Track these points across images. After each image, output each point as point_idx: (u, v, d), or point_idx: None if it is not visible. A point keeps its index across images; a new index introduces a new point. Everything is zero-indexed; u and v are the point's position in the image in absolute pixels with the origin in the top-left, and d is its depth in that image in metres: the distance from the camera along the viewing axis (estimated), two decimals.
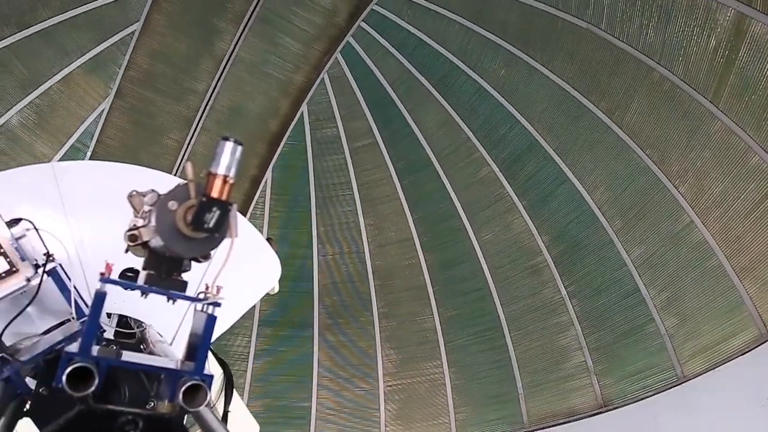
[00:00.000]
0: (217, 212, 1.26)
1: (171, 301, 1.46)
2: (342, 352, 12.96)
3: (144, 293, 1.45)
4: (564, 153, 10.92)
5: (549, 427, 10.92)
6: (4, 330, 2.01)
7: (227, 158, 1.30)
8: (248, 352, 12.71)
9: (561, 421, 10.82)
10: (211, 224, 1.26)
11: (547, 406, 11.19)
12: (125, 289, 2.06)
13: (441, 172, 12.23)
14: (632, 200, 10.34)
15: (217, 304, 1.45)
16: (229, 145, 1.32)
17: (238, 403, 3.56)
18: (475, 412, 12.01)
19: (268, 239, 3.38)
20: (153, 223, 1.35)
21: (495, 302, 12.03)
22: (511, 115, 11.24)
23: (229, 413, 3.13)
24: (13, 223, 2.08)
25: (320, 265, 13.12)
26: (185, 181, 1.34)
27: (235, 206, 1.32)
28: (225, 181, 1.27)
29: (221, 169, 1.27)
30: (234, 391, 3.32)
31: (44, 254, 2.07)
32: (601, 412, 10.55)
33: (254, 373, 12.63)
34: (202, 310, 1.49)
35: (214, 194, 1.26)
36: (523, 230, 11.70)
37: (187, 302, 1.49)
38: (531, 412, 11.32)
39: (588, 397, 10.85)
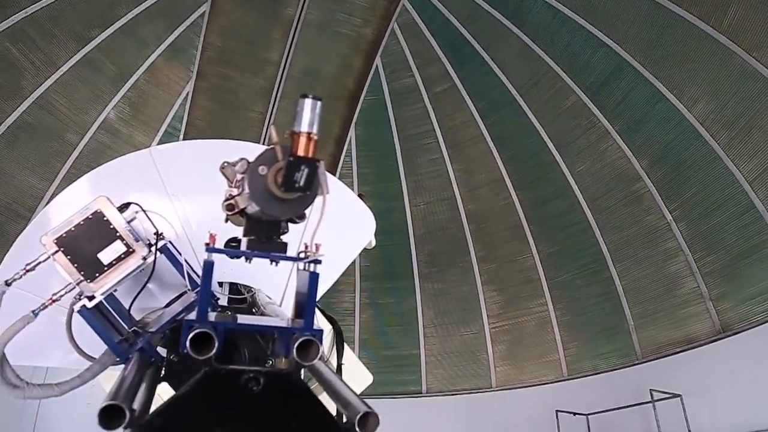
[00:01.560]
0: (306, 170, 1.28)
1: (274, 264, 1.51)
2: (445, 298, 13.12)
3: (247, 258, 1.51)
4: (656, 69, 10.14)
5: (665, 356, 10.56)
6: (131, 306, 2.19)
7: (308, 115, 1.30)
8: (354, 307, 13.17)
9: (677, 350, 10.43)
10: (302, 183, 1.28)
11: (660, 336, 10.81)
12: (230, 257, 2.17)
13: (525, 107, 11.77)
14: (739, 110, 9.49)
15: (317, 262, 1.48)
16: (308, 102, 1.32)
17: (349, 355, 3.69)
18: (585, 347, 11.84)
19: (360, 195, 3.42)
20: (246, 190, 1.39)
21: (596, 234, 11.63)
22: (593, 37, 10.54)
23: (342, 366, 3.27)
24: (123, 207, 2.23)
25: (414, 215, 13.21)
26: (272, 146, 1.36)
27: (322, 163, 1.32)
28: (309, 138, 1.27)
29: (304, 127, 1.28)
30: (344, 344, 3.45)
31: (154, 233, 2.20)
32: (720, 338, 10.04)
33: (362, 326, 13.10)
34: (304, 269, 1.53)
35: (301, 153, 1.27)
36: (619, 157, 11.11)
37: (290, 262, 1.54)
38: (644, 343, 10.98)
39: (705, 324, 10.34)
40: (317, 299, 1.57)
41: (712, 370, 9.80)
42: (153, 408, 1.40)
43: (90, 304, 2.08)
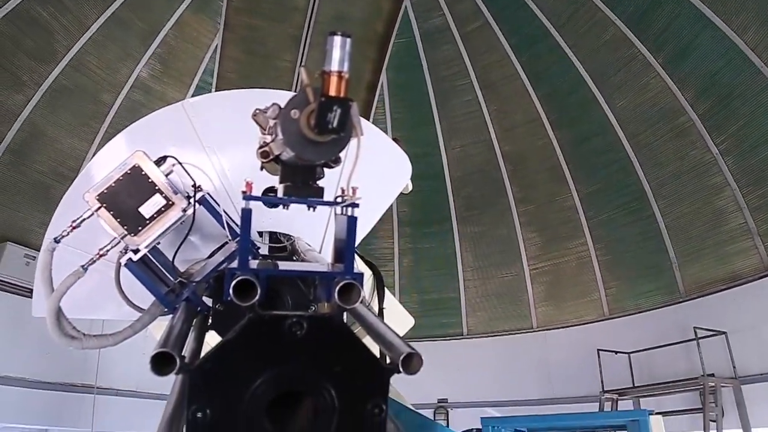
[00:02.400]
0: (338, 110, 1.24)
1: (311, 209, 1.50)
2: (483, 241, 13.11)
3: (284, 205, 1.50)
4: None
5: (709, 294, 10.38)
6: (174, 257, 2.23)
7: (338, 53, 1.25)
8: (393, 253, 13.29)
9: (722, 287, 10.22)
10: (335, 123, 1.25)
11: (705, 273, 10.60)
12: (266, 205, 2.17)
13: (561, 41, 11.31)
14: None
15: (354, 205, 1.46)
16: (337, 39, 1.27)
17: (391, 300, 3.73)
18: (627, 286, 11.73)
19: (394, 139, 3.37)
20: (280, 135, 1.37)
21: (637, 172, 11.32)
22: None
23: (384, 310, 3.31)
24: (160, 161, 2.24)
25: (449, 159, 13.08)
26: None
27: (355, 104, 1.29)
28: (340, 77, 1.23)
29: (334, 65, 1.23)
30: (385, 289, 3.48)
31: (192, 186, 2.22)
32: (767, 275, 9.79)
33: (401, 271, 13.25)
34: (342, 214, 1.51)
35: (332, 92, 1.23)
36: (662, 90, 10.65)
37: (327, 208, 1.53)
38: (687, 281, 10.80)
39: (752, 260, 10.08)
40: (356, 244, 1.57)
41: (758, 307, 9.61)
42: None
43: (135, 257, 2.13)
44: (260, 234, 2.79)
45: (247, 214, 1.41)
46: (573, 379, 11.14)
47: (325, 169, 1.50)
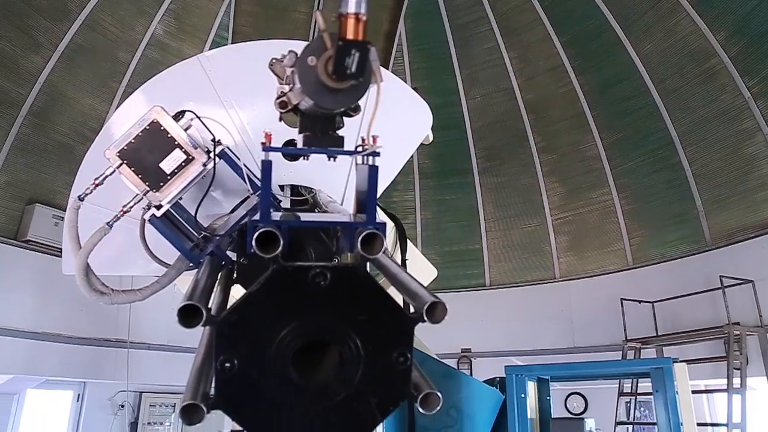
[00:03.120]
0: (357, 54, 1.20)
1: (331, 159, 1.48)
2: (505, 191, 13.01)
3: (305, 156, 1.48)
4: None
5: (737, 242, 10.19)
6: (196, 212, 2.24)
7: None
8: (414, 205, 13.28)
9: (750, 236, 10.01)
10: (353, 68, 1.21)
11: (733, 221, 10.38)
12: (286, 158, 2.16)
13: None
14: None
15: (376, 154, 1.44)
16: None
17: (413, 251, 3.74)
18: (651, 235, 11.59)
19: (414, 89, 3.30)
20: (297, 84, 1.33)
21: (664, 118, 11.00)
22: None
23: (406, 261, 3.32)
24: (179, 116, 2.23)
25: (470, 108, 12.85)
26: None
27: (373, 47, 1.24)
28: (358, 20, 1.18)
29: (351, 7, 1.18)
30: (407, 241, 3.48)
31: (211, 140, 2.20)
32: None
33: (423, 224, 13.26)
34: (363, 163, 1.49)
35: (350, 35, 1.18)
36: (691, 32, 10.21)
37: (348, 158, 1.50)
38: (714, 229, 10.60)
39: None
40: (378, 196, 1.55)
41: None
42: None
43: (159, 213, 2.15)
44: (281, 188, 2.78)
45: (267, 166, 1.40)
46: (595, 329, 11.17)
47: (345, 119, 1.47)
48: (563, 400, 10.88)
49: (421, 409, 1.31)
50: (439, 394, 1.31)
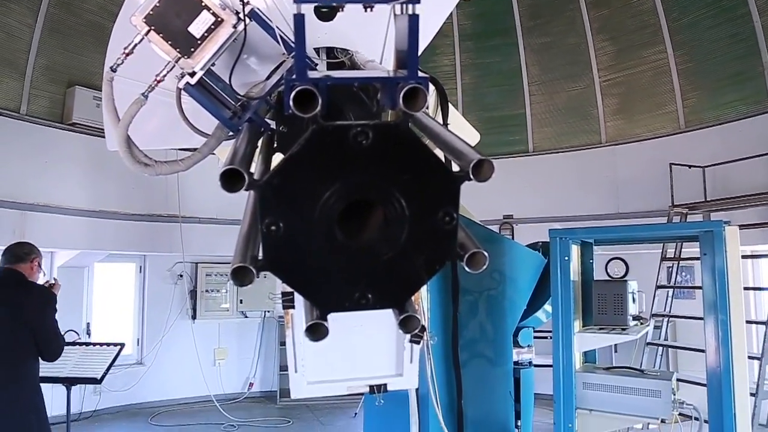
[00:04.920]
0: None
1: (368, 10, 1.36)
2: (550, 52, 12.33)
3: (341, 7, 1.37)
4: None
5: None
6: (230, 76, 2.17)
7: None
8: (455, 69, 12.79)
9: None
10: None
11: None
12: (320, 17, 2.02)
13: None
14: None
15: (416, 1, 1.30)
16: None
17: (455, 115, 3.63)
18: (707, 96, 10.94)
19: None
20: None
21: None
22: None
23: (448, 125, 3.22)
24: None
25: None
26: None
27: None
28: None
29: None
30: (449, 104, 3.36)
31: (240, 0, 2.08)
32: None
33: (464, 88, 12.82)
34: (402, 13, 1.37)
35: None
36: None
37: (385, 15, 1.38)
38: None
39: None
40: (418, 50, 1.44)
41: None
42: None
43: (193, 81, 2.09)
44: (317, 52, 2.66)
45: (300, 19, 1.29)
46: (642, 194, 10.98)
47: None
48: (603, 266, 11.04)
49: (467, 268, 1.30)
50: (485, 252, 1.29)
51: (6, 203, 8.85)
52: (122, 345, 5.73)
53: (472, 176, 1.22)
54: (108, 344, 5.70)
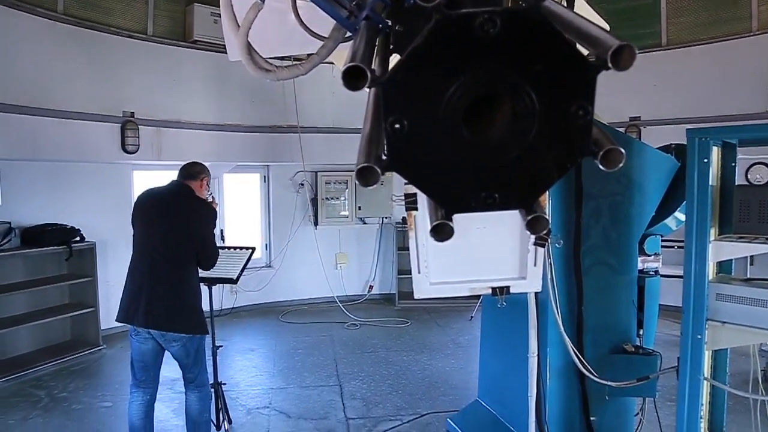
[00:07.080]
0: None
1: None
2: None
3: None
4: None
5: None
6: None
7: None
8: None
9: None
10: None
11: None
12: None
13: None
14: None
15: None
16: None
17: (581, 4, 3.34)
18: None
19: None
20: None
21: None
22: None
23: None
24: None
25: None
26: None
27: None
28: None
29: None
30: None
31: None
32: None
33: None
34: None
35: None
36: None
37: None
38: None
39: None
40: None
41: None
42: None
43: None
44: None
45: None
46: None
47: None
48: (744, 171, 10.05)
49: (602, 166, 1.21)
50: (622, 150, 1.19)
51: (144, 121, 9.58)
52: (253, 249, 6.15)
53: (611, 65, 1.10)
54: (241, 248, 6.15)
